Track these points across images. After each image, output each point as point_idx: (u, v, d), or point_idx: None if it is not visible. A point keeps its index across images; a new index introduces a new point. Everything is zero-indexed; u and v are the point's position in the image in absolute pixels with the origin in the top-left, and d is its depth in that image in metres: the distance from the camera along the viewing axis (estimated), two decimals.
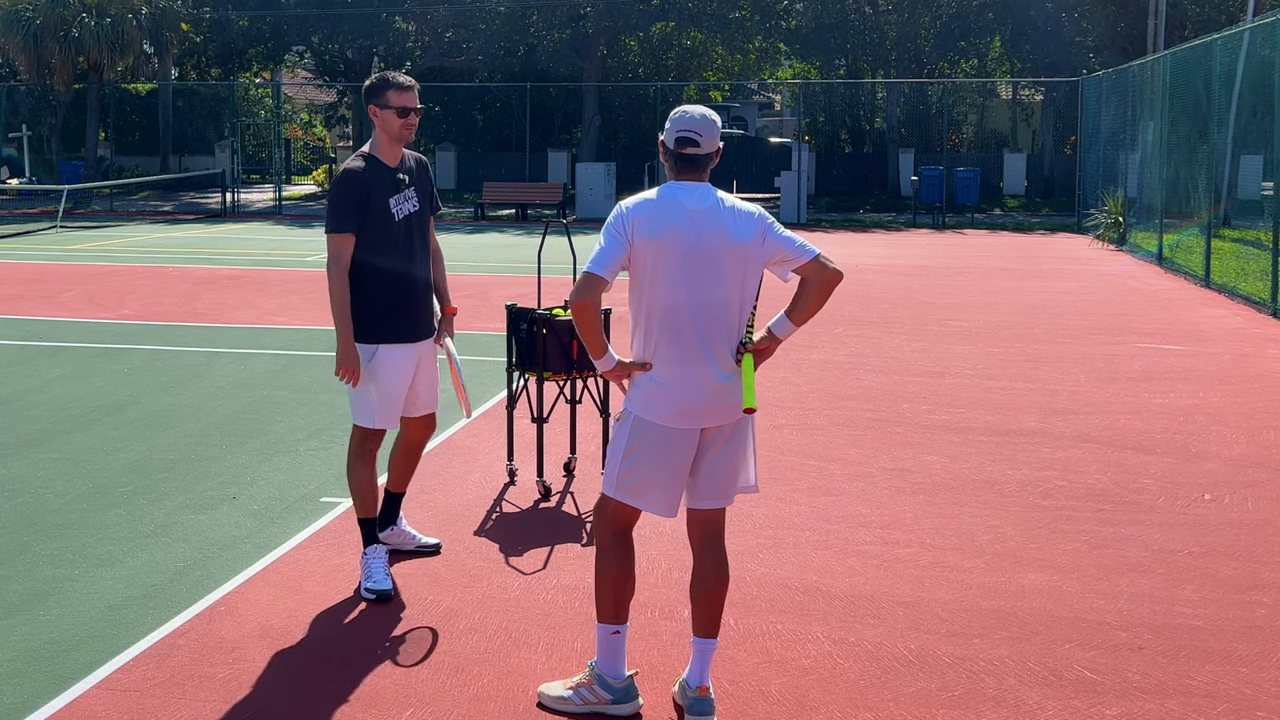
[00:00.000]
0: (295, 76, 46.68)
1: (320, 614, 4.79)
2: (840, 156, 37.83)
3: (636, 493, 3.91)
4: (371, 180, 4.91)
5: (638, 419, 3.88)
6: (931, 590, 5.05)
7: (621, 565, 3.98)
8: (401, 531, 5.44)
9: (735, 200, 3.91)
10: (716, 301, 3.82)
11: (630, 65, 38.39)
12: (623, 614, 3.97)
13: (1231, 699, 4.09)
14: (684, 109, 3.89)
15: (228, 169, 32.25)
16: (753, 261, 3.86)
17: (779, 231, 3.88)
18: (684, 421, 3.84)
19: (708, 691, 3.91)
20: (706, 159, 3.87)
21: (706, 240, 3.79)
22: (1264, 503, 6.29)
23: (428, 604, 4.90)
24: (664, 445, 3.85)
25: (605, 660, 3.97)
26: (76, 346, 10.79)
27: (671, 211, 3.80)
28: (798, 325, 3.93)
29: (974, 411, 8.30)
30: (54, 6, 31.38)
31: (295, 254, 19.87)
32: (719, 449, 3.90)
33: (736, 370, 3.86)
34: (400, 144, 5.00)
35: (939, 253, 20.94)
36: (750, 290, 3.91)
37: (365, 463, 5.07)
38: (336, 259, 4.88)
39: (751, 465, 4.02)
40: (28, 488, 6.46)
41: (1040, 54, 34.62)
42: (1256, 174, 22.37)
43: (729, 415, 3.88)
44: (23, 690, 4.10)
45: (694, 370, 3.82)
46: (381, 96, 4.90)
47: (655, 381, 3.85)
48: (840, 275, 3.90)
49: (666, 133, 3.87)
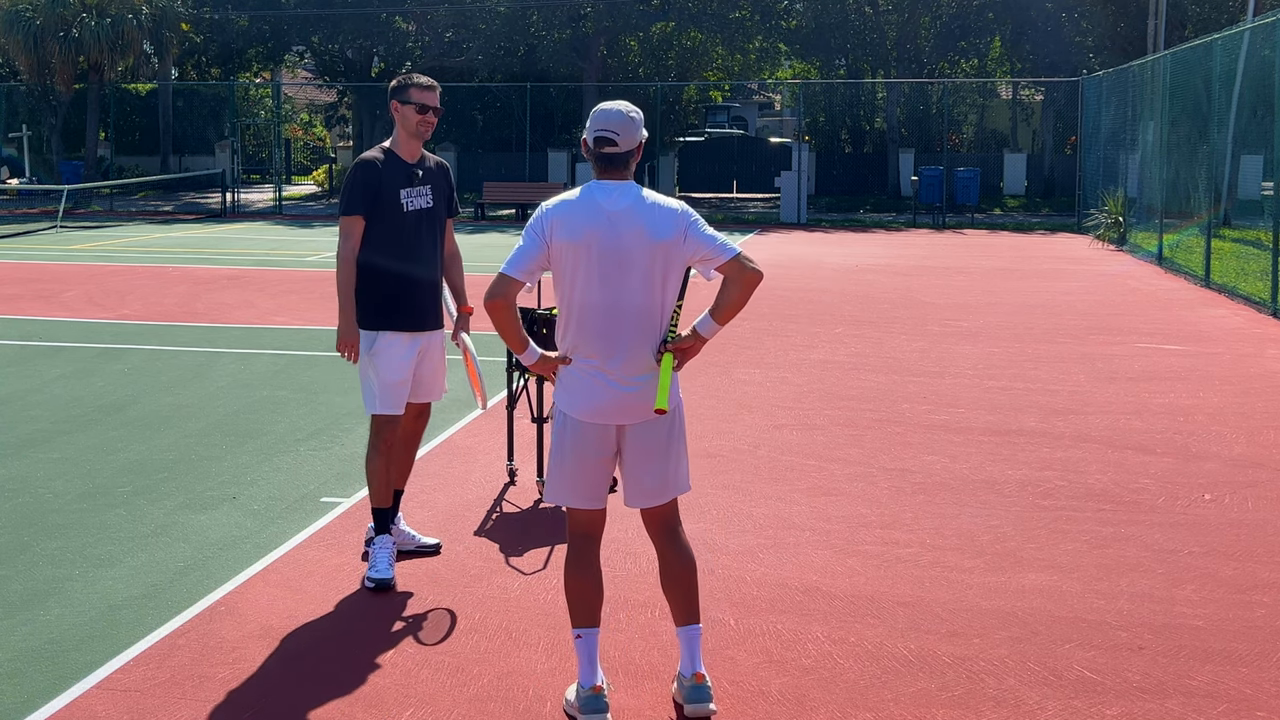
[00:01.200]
0: (295, 76, 46.69)
1: (320, 614, 4.79)
2: (840, 156, 37.83)
3: (563, 492, 3.93)
4: (385, 170, 5.14)
5: (561, 414, 3.93)
6: (931, 590, 5.05)
7: (579, 571, 3.95)
8: (401, 532, 5.46)
9: (660, 198, 3.90)
10: (635, 301, 3.82)
11: (630, 65, 38.39)
12: (585, 618, 3.93)
13: (1231, 699, 4.09)
14: (603, 106, 3.89)
15: (228, 169, 32.26)
16: (674, 260, 3.85)
17: (701, 229, 3.85)
18: (599, 417, 3.86)
19: (704, 678, 3.91)
20: (626, 157, 3.86)
21: (625, 240, 3.79)
22: (1264, 503, 6.29)
23: (428, 604, 4.90)
24: (583, 439, 3.88)
25: (580, 665, 3.93)
26: (76, 346, 10.79)
27: (590, 212, 3.81)
28: (721, 324, 3.89)
29: (974, 411, 8.30)
30: (54, 6, 31.38)
31: (295, 254, 19.87)
32: (642, 449, 3.90)
33: (654, 370, 3.85)
34: (418, 140, 5.21)
35: (939, 253, 20.94)
36: (672, 289, 3.89)
37: (380, 453, 5.20)
38: (345, 240, 5.12)
39: (683, 465, 4.01)
40: (28, 488, 6.45)
41: (1040, 54, 34.62)
42: (1256, 174, 22.38)
43: (642, 415, 3.87)
44: (23, 690, 4.10)
45: (607, 368, 3.83)
46: (405, 93, 5.15)
47: (574, 377, 3.88)
48: (759, 275, 3.85)
49: (587, 131, 3.88)
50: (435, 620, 4.74)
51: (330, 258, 18.63)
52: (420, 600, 4.94)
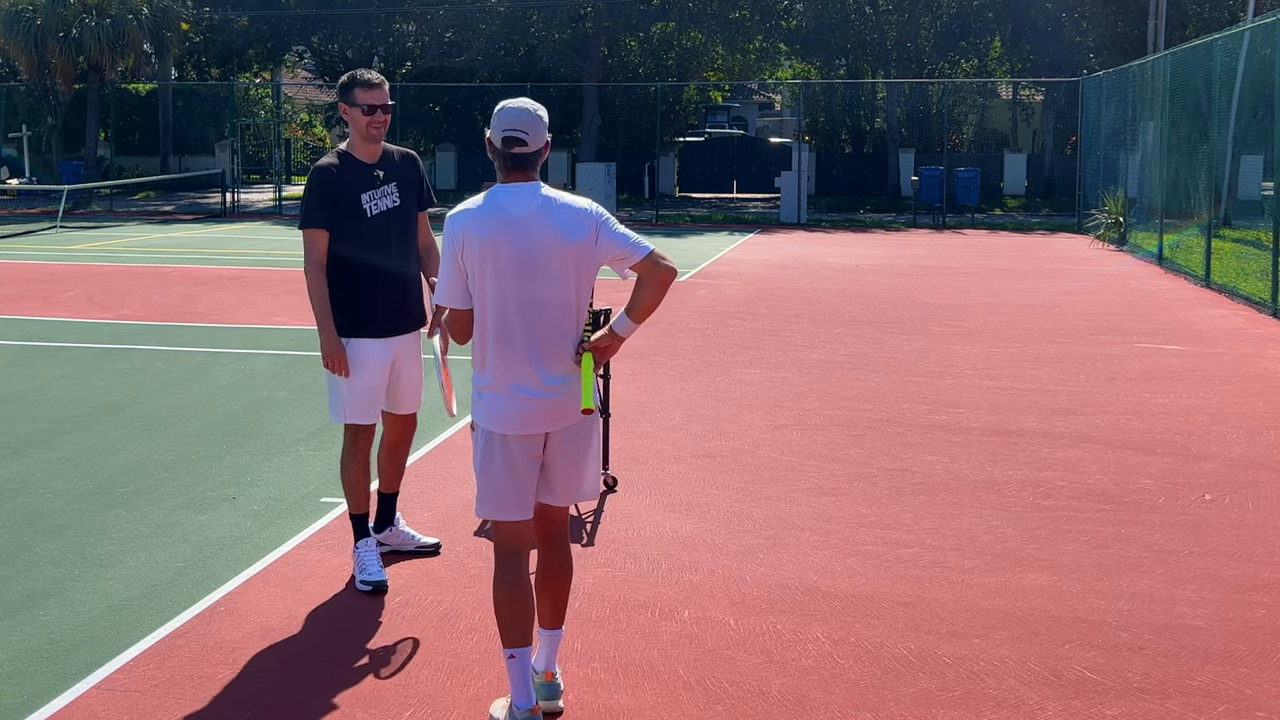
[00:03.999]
0: (295, 76, 46.69)
1: (320, 614, 4.79)
2: (840, 156, 37.83)
3: (495, 506, 3.84)
4: (342, 176, 4.96)
5: (486, 432, 3.83)
6: (932, 590, 5.05)
7: (507, 588, 3.82)
8: (400, 532, 5.44)
9: (569, 197, 3.81)
10: (547, 305, 3.73)
11: (630, 65, 38.38)
12: (515, 638, 3.80)
13: (1232, 699, 4.09)
14: (507, 104, 3.80)
15: (228, 169, 32.24)
16: (585, 260, 3.77)
17: (613, 228, 3.77)
18: (523, 428, 3.78)
19: (554, 676, 3.97)
20: (535, 156, 3.76)
21: (534, 244, 3.70)
22: (1264, 503, 6.29)
23: (428, 604, 4.90)
24: (510, 453, 3.79)
25: (513, 686, 3.82)
26: (76, 346, 10.79)
27: (496, 219, 3.72)
28: (637, 322, 3.80)
29: (974, 411, 8.30)
30: (55, 7, 31.37)
31: (295, 254, 19.85)
32: (564, 451, 3.85)
33: (575, 372, 3.80)
34: (372, 142, 5.01)
35: (939, 253, 20.94)
36: (585, 289, 3.82)
37: (356, 460, 5.11)
38: (310, 254, 4.98)
39: (595, 470, 3.96)
40: (28, 488, 6.45)
41: (1040, 54, 34.61)
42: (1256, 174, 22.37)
43: (569, 418, 3.81)
44: (23, 690, 4.10)
45: (527, 376, 3.75)
46: (349, 94, 4.94)
47: (492, 392, 3.79)
48: (673, 272, 3.79)
49: (492, 130, 3.78)
50: (434, 621, 4.74)
51: None
52: (420, 600, 4.94)
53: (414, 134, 37.84)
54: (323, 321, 4.94)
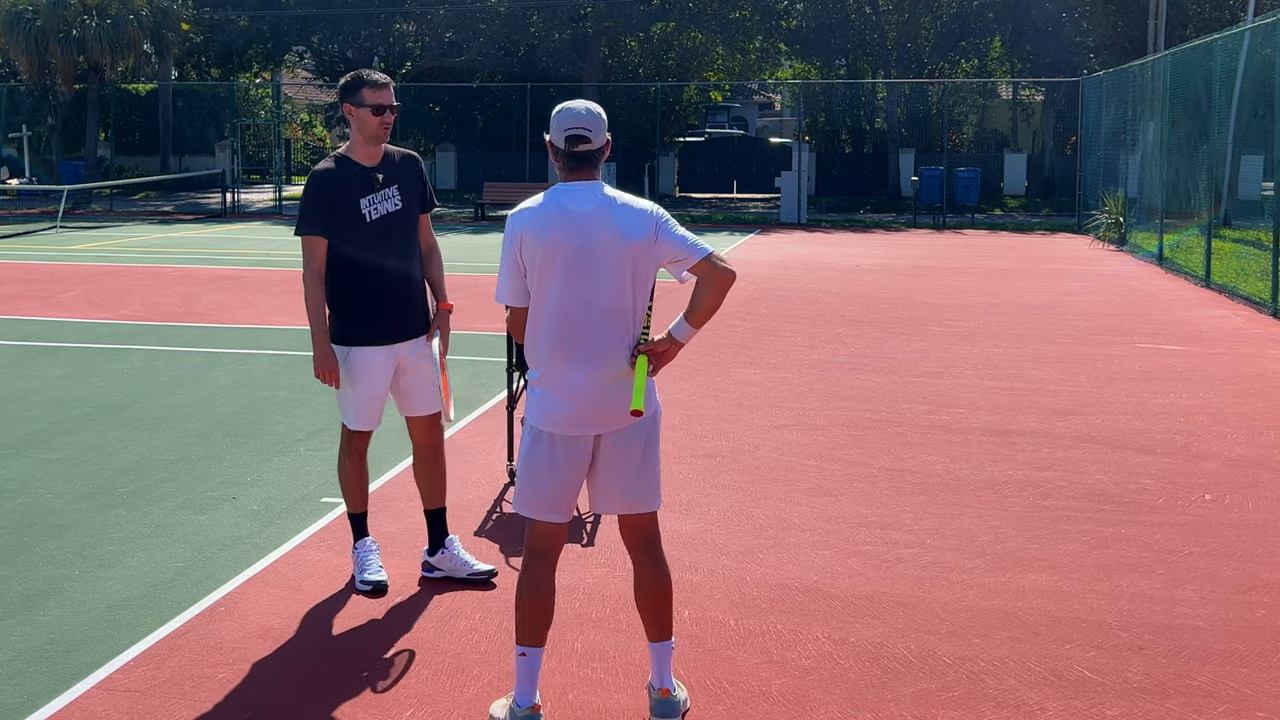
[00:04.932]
0: (295, 76, 46.68)
1: (320, 614, 4.79)
2: (840, 157, 37.82)
3: (532, 505, 3.82)
4: (340, 181, 4.84)
5: (534, 428, 3.82)
6: (932, 590, 5.05)
7: (532, 588, 3.82)
8: (453, 556, 5.14)
9: (630, 198, 3.82)
10: (604, 305, 3.72)
11: (630, 65, 38.39)
12: (531, 637, 3.81)
13: (1232, 699, 4.09)
14: (568, 105, 3.81)
15: (228, 169, 32.23)
16: (643, 261, 3.75)
17: (673, 230, 3.76)
18: (575, 428, 3.76)
19: (669, 694, 3.88)
20: (597, 154, 3.77)
21: (593, 242, 3.70)
22: (1265, 503, 6.29)
23: (428, 604, 4.90)
24: (557, 453, 3.77)
25: (518, 682, 3.83)
26: (76, 346, 10.79)
27: (555, 217, 3.72)
28: (696, 327, 3.76)
29: (974, 412, 8.30)
30: (55, 7, 31.37)
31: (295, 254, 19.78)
32: (615, 456, 3.80)
33: (628, 374, 3.76)
34: (377, 143, 4.90)
35: (939, 253, 20.94)
36: (642, 291, 3.79)
37: (351, 460, 5.07)
38: (308, 261, 4.88)
39: (653, 479, 3.89)
40: (28, 488, 6.45)
41: (1040, 54, 34.61)
42: (1257, 174, 22.37)
43: (619, 421, 3.77)
44: (23, 690, 4.10)
45: (581, 376, 3.73)
46: (356, 95, 4.79)
47: (543, 389, 3.78)
48: (733, 275, 3.74)
49: (553, 131, 3.77)
50: (435, 620, 4.74)
51: None
52: (420, 600, 4.94)
53: (414, 134, 37.84)
54: (316, 333, 4.85)
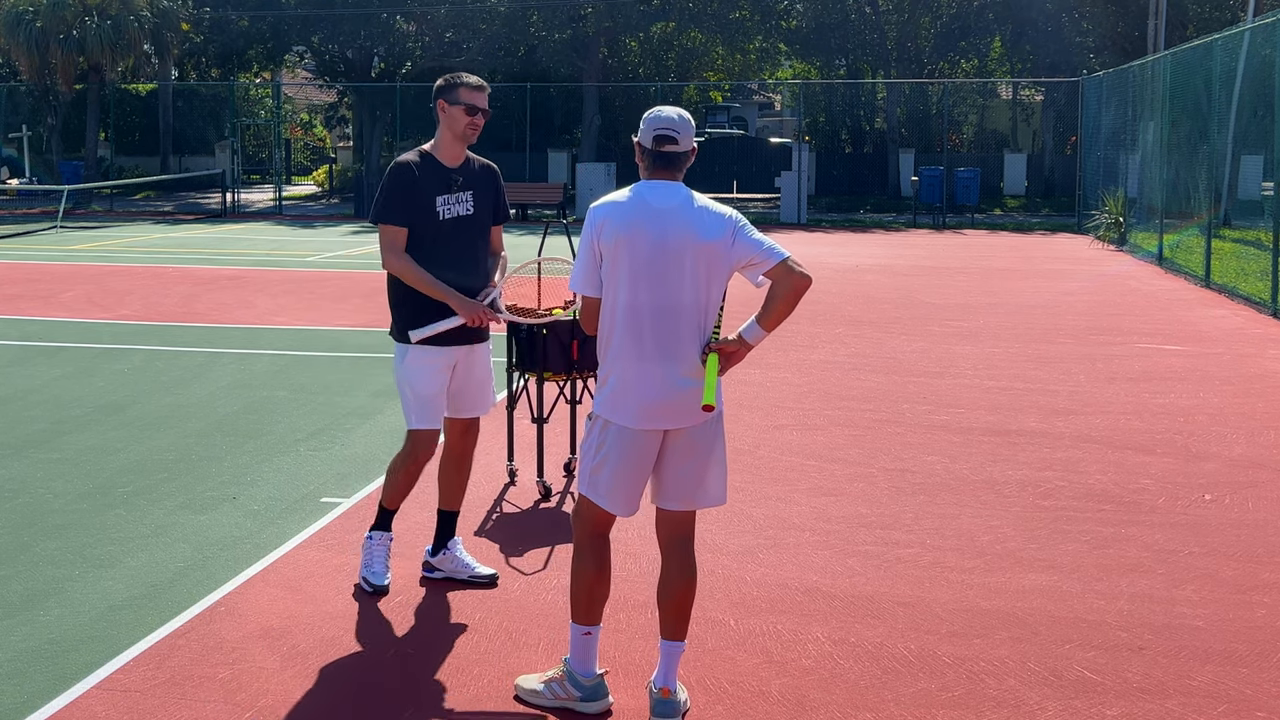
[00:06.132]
0: (295, 76, 46.66)
1: (320, 614, 4.79)
2: (840, 157, 37.83)
3: (600, 492, 3.88)
4: (421, 175, 4.87)
5: (604, 420, 3.86)
6: (932, 590, 5.05)
7: (597, 567, 3.94)
8: (455, 558, 5.16)
9: (708, 201, 3.88)
10: (679, 302, 3.78)
11: (630, 65, 38.38)
12: (595, 615, 3.95)
13: (1232, 699, 4.09)
14: (659, 109, 3.89)
15: (228, 169, 32.24)
16: (719, 262, 3.81)
17: (749, 234, 3.82)
18: (645, 423, 3.80)
19: (670, 694, 3.88)
20: (683, 157, 3.86)
21: (671, 239, 3.77)
22: (1265, 503, 6.29)
23: (428, 604, 4.90)
24: (626, 446, 3.82)
25: (577, 658, 3.96)
26: (76, 346, 10.79)
27: (638, 210, 3.80)
28: (768, 330, 3.81)
29: (974, 412, 8.30)
30: (56, 8, 31.39)
31: (295, 254, 19.85)
32: (684, 452, 3.86)
33: (700, 372, 3.80)
34: (463, 143, 4.93)
35: (939, 253, 20.94)
36: (716, 291, 3.85)
37: (407, 469, 4.99)
38: (390, 249, 4.86)
39: (720, 475, 3.94)
40: (28, 488, 6.45)
41: (1040, 54, 34.61)
42: (1256, 174, 22.38)
43: (690, 418, 3.82)
44: (23, 690, 4.10)
45: (653, 371, 3.78)
46: (453, 93, 4.85)
47: (618, 382, 3.82)
48: (808, 280, 3.78)
49: (642, 133, 3.86)
50: (435, 620, 4.74)
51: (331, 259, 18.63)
52: (420, 600, 4.94)
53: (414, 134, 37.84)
54: (443, 292, 4.78)
